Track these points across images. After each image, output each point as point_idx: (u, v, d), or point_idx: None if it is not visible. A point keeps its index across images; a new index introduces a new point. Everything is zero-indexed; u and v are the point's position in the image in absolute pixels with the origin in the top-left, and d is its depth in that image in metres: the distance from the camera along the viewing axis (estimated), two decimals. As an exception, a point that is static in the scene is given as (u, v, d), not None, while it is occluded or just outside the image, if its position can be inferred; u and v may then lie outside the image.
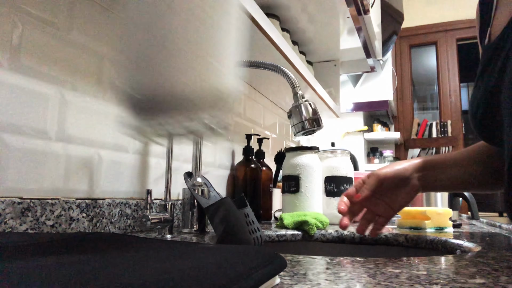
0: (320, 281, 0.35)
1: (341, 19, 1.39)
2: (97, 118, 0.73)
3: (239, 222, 0.61)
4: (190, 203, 0.81)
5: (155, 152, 0.89)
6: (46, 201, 0.60)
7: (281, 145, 1.75)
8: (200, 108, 0.40)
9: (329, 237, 0.96)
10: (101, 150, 0.74)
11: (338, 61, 1.81)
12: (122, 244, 0.41)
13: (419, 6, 3.76)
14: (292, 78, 0.70)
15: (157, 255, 0.34)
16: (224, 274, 0.26)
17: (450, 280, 0.36)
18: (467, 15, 3.61)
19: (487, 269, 0.42)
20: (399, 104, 3.77)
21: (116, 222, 0.74)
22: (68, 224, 0.64)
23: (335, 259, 0.49)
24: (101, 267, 0.28)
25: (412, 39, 3.81)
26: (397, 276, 0.38)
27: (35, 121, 0.61)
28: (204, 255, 0.34)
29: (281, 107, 1.76)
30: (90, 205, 0.68)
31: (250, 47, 1.06)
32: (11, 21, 0.58)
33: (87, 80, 0.71)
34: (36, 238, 0.43)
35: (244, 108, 1.38)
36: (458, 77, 3.66)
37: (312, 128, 0.67)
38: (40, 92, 0.62)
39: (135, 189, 0.82)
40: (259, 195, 1.21)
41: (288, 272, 0.39)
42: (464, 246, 0.73)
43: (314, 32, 1.49)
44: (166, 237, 0.72)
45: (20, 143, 0.58)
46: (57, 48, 0.65)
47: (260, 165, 1.24)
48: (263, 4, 1.26)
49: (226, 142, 1.23)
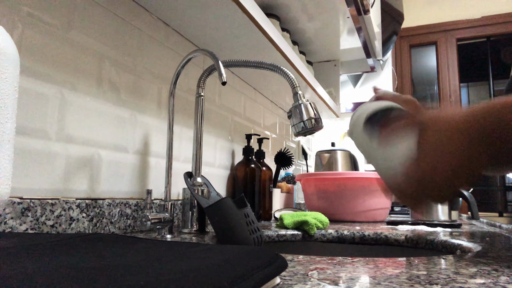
0: (320, 281, 0.35)
1: (341, 19, 1.39)
2: (97, 118, 0.73)
3: (239, 222, 0.61)
4: (190, 203, 0.81)
5: (155, 152, 0.89)
6: (46, 201, 0.60)
7: (281, 145, 1.75)
8: None
9: (329, 237, 0.96)
10: (101, 150, 0.74)
11: (338, 61, 1.81)
12: (122, 245, 0.41)
13: (419, 6, 3.76)
14: (292, 78, 0.70)
15: (157, 255, 0.34)
16: (224, 275, 0.26)
17: (450, 280, 0.36)
18: (467, 15, 3.61)
19: (487, 269, 0.42)
20: (399, 104, 3.76)
21: (116, 222, 0.74)
22: (68, 224, 0.64)
23: (335, 259, 0.49)
24: (101, 268, 0.28)
25: (412, 39, 3.81)
26: (397, 276, 0.38)
27: (35, 121, 0.61)
28: (205, 255, 0.34)
29: (281, 107, 1.76)
30: (90, 205, 0.68)
31: (250, 47, 1.06)
32: (11, 21, 0.58)
33: (87, 80, 0.71)
34: (36, 239, 0.43)
35: (244, 108, 1.38)
36: (458, 77, 3.66)
37: (312, 128, 0.67)
38: (40, 92, 0.62)
39: (135, 189, 0.82)
40: (259, 195, 1.21)
41: (288, 272, 0.39)
42: (464, 246, 0.73)
43: (314, 32, 1.49)
44: (166, 237, 0.72)
45: (20, 143, 0.58)
46: (57, 48, 0.65)
47: (260, 165, 1.24)
48: (263, 4, 1.26)
49: (226, 142, 1.23)
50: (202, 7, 0.86)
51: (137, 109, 0.84)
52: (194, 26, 0.96)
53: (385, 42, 2.10)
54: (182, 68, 0.80)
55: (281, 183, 1.55)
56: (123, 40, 0.80)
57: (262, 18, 0.93)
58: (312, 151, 2.29)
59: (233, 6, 0.83)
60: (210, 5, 0.84)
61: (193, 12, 0.89)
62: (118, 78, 0.79)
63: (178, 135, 0.98)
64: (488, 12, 3.39)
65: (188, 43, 1.04)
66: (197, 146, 0.82)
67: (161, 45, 0.93)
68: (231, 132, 1.28)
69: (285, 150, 1.45)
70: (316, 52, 1.70)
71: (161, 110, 0.92)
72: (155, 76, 0.90)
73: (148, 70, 0.88)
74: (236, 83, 1.33)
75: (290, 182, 1.60)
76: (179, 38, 1.00)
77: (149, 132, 0.87)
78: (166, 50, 0.95)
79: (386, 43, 2.14)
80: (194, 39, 1.03)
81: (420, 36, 3.78)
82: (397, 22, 2.28)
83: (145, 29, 0.87)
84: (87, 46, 0.71)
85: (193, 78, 1.05)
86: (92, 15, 0.73)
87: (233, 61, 0.78)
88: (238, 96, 1.34)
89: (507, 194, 3.27)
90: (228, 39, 1.02)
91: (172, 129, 0.78)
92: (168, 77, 0.95)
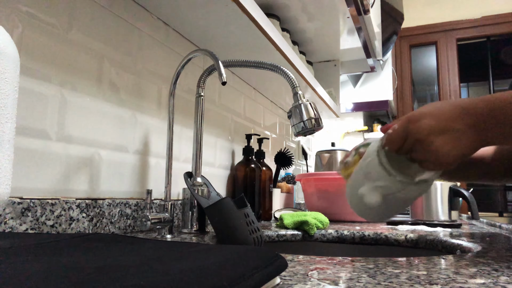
0: (320, 281, 0.35)
1: (341, 19, 1.39)
2: (97, 118, 0.73)
3: (239, 222, 0.61)
4: (190, 203, 0.81)
5: (155, 152, 0.89)
6: (46, 201, 0.60)
7: (281, 145, 1.75)
8: None
9: (329, 237, 0.96)
10: (101, 150, 0.74)
11: (338, 61, 1.81)
12: (122, 245, 0.41)
13: (419, 6, 3.76)
14: (292, 78, 0.70)
15: (157, 255, 0.34)
16: (225, 275, 0.26)
17: (450, 280, 0.36)
18: (467, 15, 3.61)
19: (487, 269, 0.42)
20: (399, 104, 3.77)
21: (116, 222, 0.74)
22: (68, 224, 0.64)
23: (335, 259, 0.49)
24: (101, 268, 0.28)
25: (412, 39, 3.81)
26: (397, 276, 0.38)
27: (35, 121, 0.61)
28: (205, 255, 0.34)
29: (281, 107, 1.76)
30: (90, 205, 0.68)
31: (250, 47, 1.06)
32: (11, 21, 0.58)
33: (87, 80, 0.71)
34: (36, 239, 0.43)
35: (244, 108, 1.38)
36: (458, 77, 3.66)
37: (312, 128, 0.67)
38: (40, 92, 0.62)
39: (135, 189, 0.82)
40: (259, 195, 1.21)
41: (288, 272, 0.39)
42: (464, 246, 0.73)
43: (314, 32, 1.49)
44: (166, 237, 0.72)
45: (20, 143, 0.58)
46: (57, 48, 0.65)
47: (260, 165, 1.24)
48: (263, 4, 1.26)
49: (226, 142, 1.23)
50: (202, 7, 0.86)
51: (137, 109, 0.84)
52: (194, 26, 0.96)
53: (385, 42, 2.10)
54: (182, 68, 0.80)
55: (281, 183, 1.55)
56: (123, 40, 0.80)
57: (262, 18, 0.93)
58: (312, 151, 2.29)
59: (233, 6, 0.83)
60: (210, 5, 0.84)
61: (193, 12, 0.89)
62: (118, 78, 0.79)
63: (178, 135, 0.98)
64: (488, 12, 3.40)
65: (188, 43, 1.04)
66: (197, 146, 0.82)
67: (161, 45, 0.93)
68: (231, 132, 1.28)
69: (285, 150, 1.45)
70: (316, 52, 1.70)
71: (161, 110, 0.92)
72: (155, 76, 0.90)
73: (148, 70, 0.88)
74: (236, 83, 1.33)
75: (290, 182, 1.60)
76: (179, 38, 1.00)
77: (149, 132, 0.87)
78: (166, 50, 0.95)
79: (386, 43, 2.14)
80: (194, 39, 1.03)
81: (420, 36, 3.78)
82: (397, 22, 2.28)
83: (145, 29, 0.87)
84: (87, 46, 0.71)
85: (193, 78, 1.05)
86: (92, 15, 0.73)
87: (233, 61, 0.78)
88: (238, 96, 1.34)
89: (507, 194, 3.27)
90: (228, 39, 1.02)
91: (172, 129, 0.78)
92: (168, 77, 0.95)
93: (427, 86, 4.37)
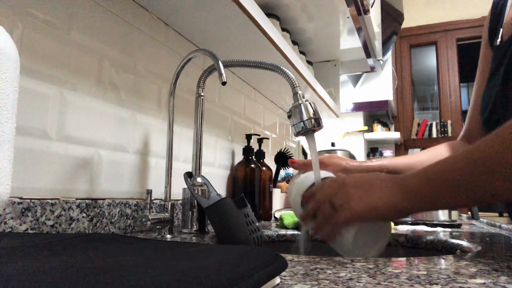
0: (320, 281, 0.35)
1: (341, 19, 1.39)
2: (97, 118, 0.73)
3: (239, 222, 0.61)
4: (190, 203, 0.81)
5: (155, 152, 0.89)
6: (46, 201, 0.60)
7: (281, 145, 1.75)
8: None
9: (329, 237, 0.96)
10: (101, 150, 0.74)
11: (338, 61, 1.81)
12: (122, 245, 0.41)
13: (419, 6, 3.76)
14: (292, 78, 0.70)
15: (157, 255, 0.34)
16: (225, 275, 0.26)
17: (450, 280, 0.36)
18: (467, 15, 3.61)
19: (487, 269, 0.42)
20: (399, 104, 3.77)
21: (116, 222, 0.74)
22: (68, 224, 0.64)
23: (335, 259, 0.49)
24: (101, 268, 0.28)
25: (412, 39, 3.81)
26: (397, 276, 0.38)
27: (35, 121, 0.61)
28: (205, 255, 0.34)
29: (281, 107, 1.76)
30: (90, 205, 0.68)
31: (250, 47, 1.06)
32: (11, 21, 0.58)
33: (87, 80, 0.71)
34: (36, 239, 0.43)
35: (244, 108, 1.38)
36: (458, 77, 3.66)
37: (312, 128, 0.67)
38: (40, 92, 0.62)
39: (135, 189, 0.82)
40: (259, 195, 1.21)
41: (288, 272, 0.39)
42: (464, 246, 0.73)
43: (314, 32, 1.49)
44: (166, 237, 0.72)
45: (20, 143, 0.58)
46: (57, 48, 0.65)
47: (260, 165, 1.24)
48: (263, 4, 1.26)
49: (226, 142, 1.23)
50: (202, 7, 0.86)
51: (137, 109, 0.84)
52: (194, 26, 0.96)
53: (385, 42, 2.10)
54: (182, 68, 0.80)
55: (281, 183, 1.55)
56: (123, 40, 0.80)
57: (262, 18, 0.93)
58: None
59: (233, 6, 0.83)
60: (210, 5, 0.84)
61: (193, 12, 0.89)
62: (118, 78, 0.79)
63: (178, 135, 0.98)
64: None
65: (188, 43, 1.04)
66: (197, 146, 0.82)
67: (161, 45, 0.93)
68: (231, 132, 1.28)
69: (285, 150, 1.45)
70: (316, 52, 1.70)
71: (161, 110, 0.92)
72: (155, 76, 0.90)
73: (148, 70, 0.88)
74: (236, 83, 1.33)
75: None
76: (179, 38, 1.00)
77: (149, 132, 0.87)
78: (166, 50, 0.95)
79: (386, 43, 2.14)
80: (194, 39, 1.03)
81: (420, 36, 3.78)
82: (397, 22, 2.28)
83: (145, 29, 0.87)
84: (87, 46, 0.71)
85: (193, 78, 1.05)
86: (92, 15, 0.73)
87: (233, 61, 0.78)
88: (238, 96, 1.34)
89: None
90: (228, 39, 1.02)
91: (172, 129, 0.78)
92: (168, 77, 0.95)
93: (427, 86, 4.37)
